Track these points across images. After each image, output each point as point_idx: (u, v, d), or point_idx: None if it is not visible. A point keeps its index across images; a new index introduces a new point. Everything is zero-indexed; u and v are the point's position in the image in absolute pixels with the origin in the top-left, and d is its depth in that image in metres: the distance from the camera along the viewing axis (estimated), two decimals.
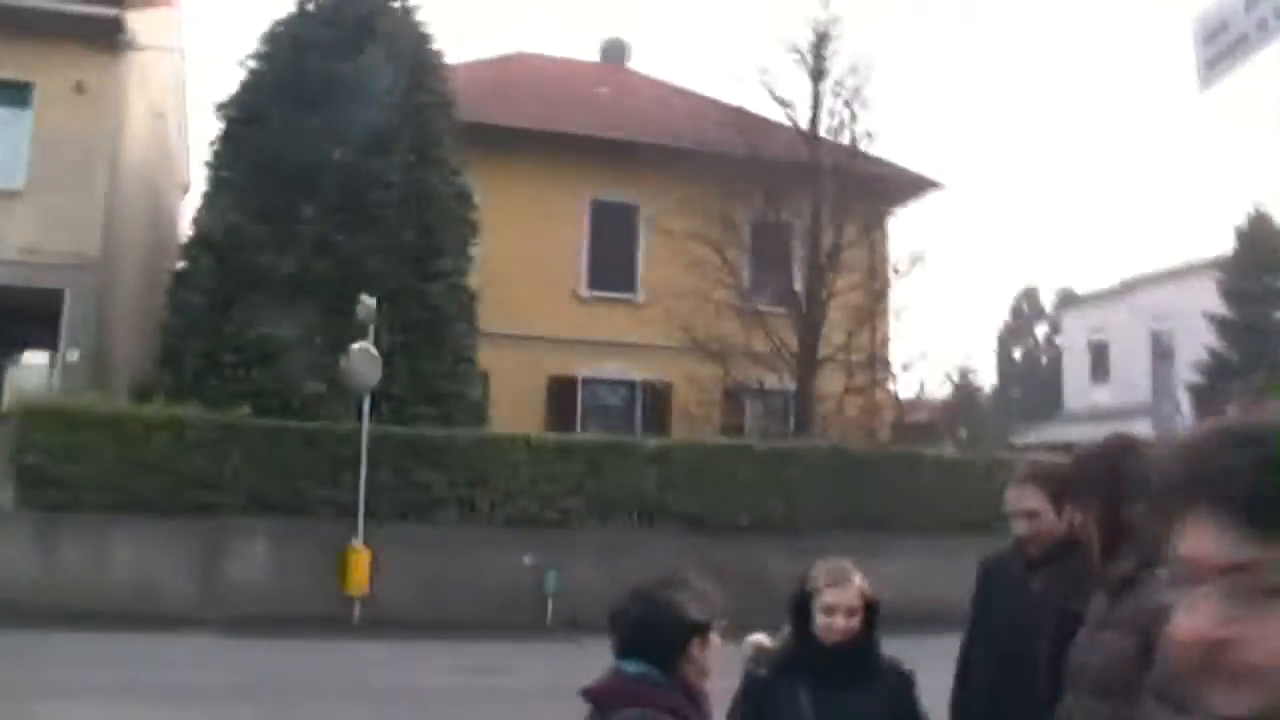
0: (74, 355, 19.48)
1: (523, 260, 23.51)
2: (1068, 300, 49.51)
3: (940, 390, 33.09)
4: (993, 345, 62.77)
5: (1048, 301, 60.93)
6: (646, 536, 17.19)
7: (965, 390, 45.99)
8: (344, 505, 16.33)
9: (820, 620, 3.66)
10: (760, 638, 3.96)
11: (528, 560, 16.93)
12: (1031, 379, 58.49)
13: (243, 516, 16.40)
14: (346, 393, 16.67)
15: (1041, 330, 62.74)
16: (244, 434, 16.59)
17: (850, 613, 3.64)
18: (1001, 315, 64.14)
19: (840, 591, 3.66)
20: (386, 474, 16.75)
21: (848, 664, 3.66)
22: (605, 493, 17.84)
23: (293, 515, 16.51)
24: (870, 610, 3.70)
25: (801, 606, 3.73)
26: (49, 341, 20.63)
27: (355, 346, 16.17)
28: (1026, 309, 63.58)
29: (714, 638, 2.89)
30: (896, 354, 24.66)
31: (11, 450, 16.11)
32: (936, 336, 22.42)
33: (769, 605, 4.67)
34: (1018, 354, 63.71)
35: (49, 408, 16.84)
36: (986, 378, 61.13)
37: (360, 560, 16.12)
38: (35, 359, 27.99)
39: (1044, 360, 59.08)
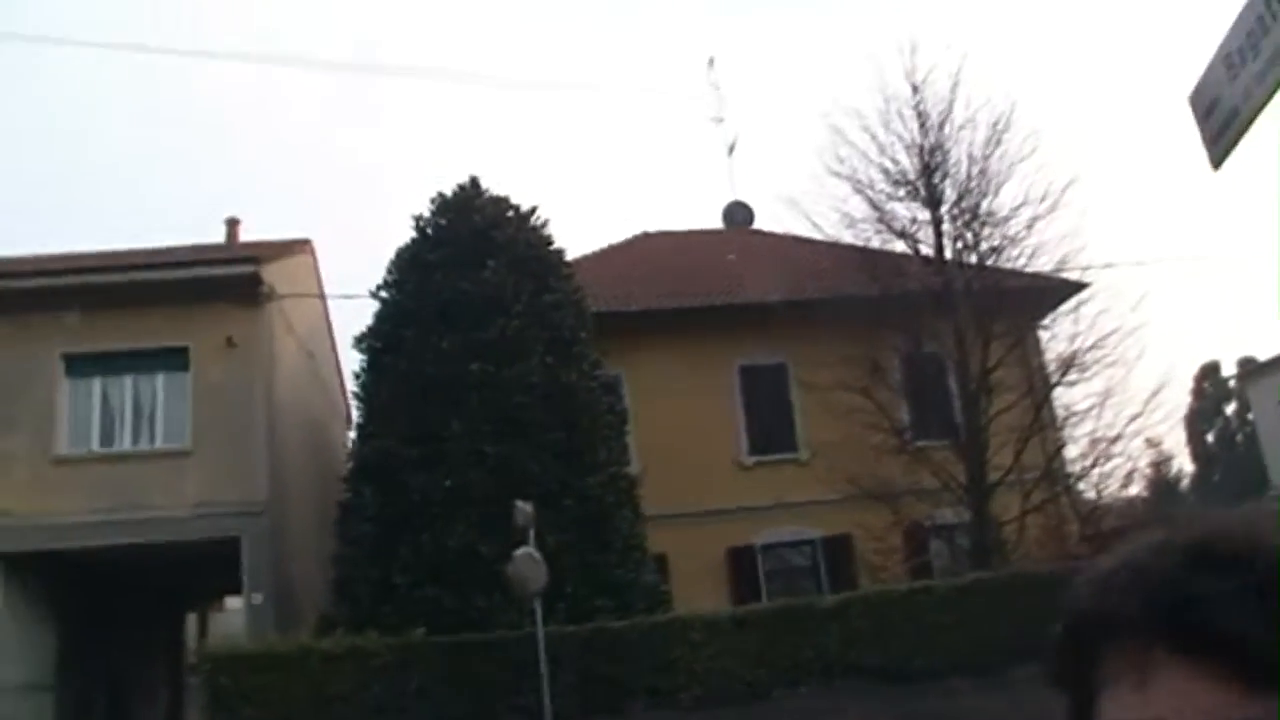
0: (257, 598, 20.18)
1: (681, 438, 23.76)
2: (1251, 370, 46.95)
3: (1132, 490, 31.74)
4: (1182, 431, 60.39)
5: (1231, 373, 58.34)
6: (837, 696, 16.84)
7: (1160, 484, 44.47)
8: (531, 710, 16.29)
9: None
10: None
11: None
12: (1230, 459, 56.23)
13: None
14: (517, 599, 16.78)
15: (1231, 406, 60.30)
16: (423, 655, 16.82)
17: None
18: (1185, 397, 61.84)
19: None
20: (569, 673, 16.73)
21: None
22: (789, 658, 17.57)
23: None
24: None
25: None
26: (237, 587, 21.35)
27: (517, 552, 16.32)
28: (1210, 386, 61.17)
29: None
30: (1072, 463, 23.88)
31: (206, 699, 16.67)
32: (1118, 434, 21.46)
33: None
34: (1210, 436, 61.33)
35: (232, 653, 17.41)
36: (1184, 466, 58.90)
37: None
38: (232, 605, 29.05)
39: (1239, 437, 56.83)
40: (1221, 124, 4.55)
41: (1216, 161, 4.67)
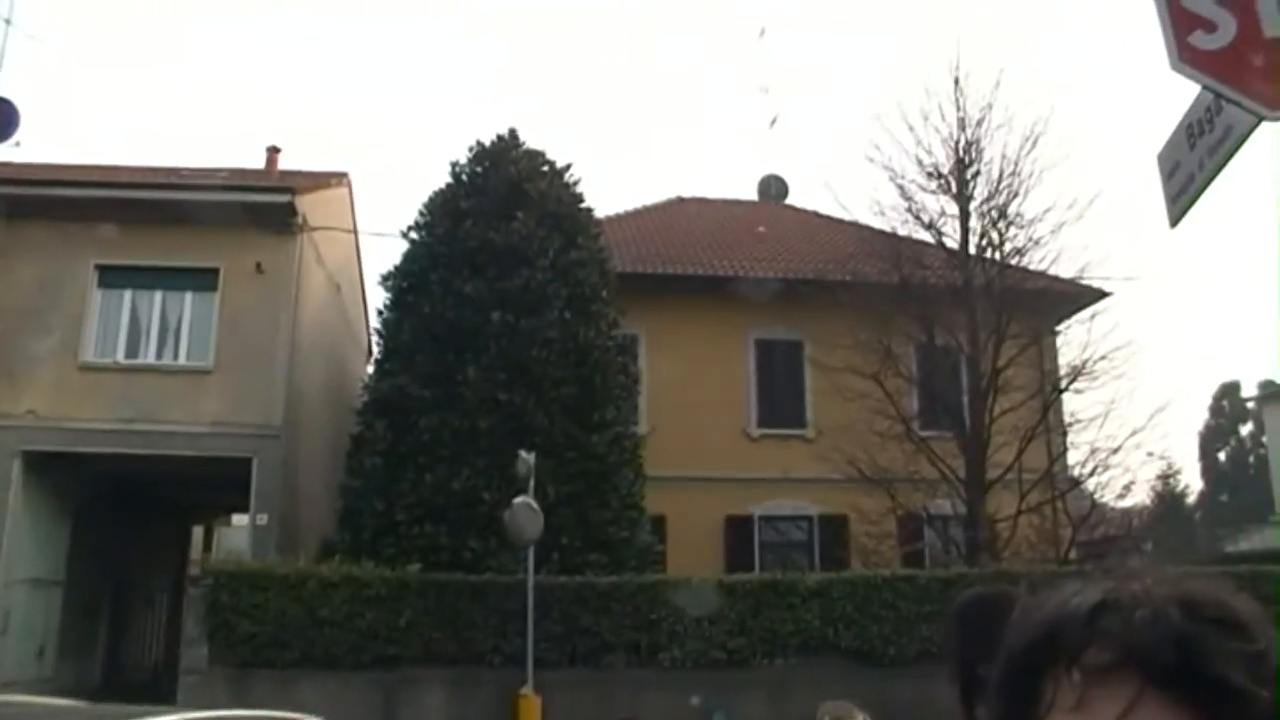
0: (263, 519, 20.67)
1: (691, 403, 24.11)
2: (1270, 393, 46.23)
3: (1129, 500, 31.74)
4: (1195, 448, 60.34)
5: (1251, 395, 57.93)
6: (812, 673, 17.23)
7: (1165, 498, 44.68)
8: (514, 654, 16.78)
9: None
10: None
11: (695, 701, 17.10)
12: (1240, 481, 56.12)
13: (418, 668, 17.06)
14: (512, 545, 17.21)
15: (1247, 427, 60.16)
16: (416, 589, 17.30)
17: None
18: (1202, 415, 61.85)
19: None
20: (554, 622, 17.21)
21: None
22: (769, 631, 17.96)
23: (465, 665, 17.08)
24: None
25: None
26: (244, 505, 21.86)
27: (516, 500, 16.74)
28: (1228, 406, 61.06)
29: None
30: (1072, 469, 24.03)
31: (204, 611, 17.24)
32: (1118, 445, 21.55)
33: None
34: (1223, 455, 61.28)
35: (234, 570, 17.92)
36: (1193, 483, 58.81)
37: (531, 707, 16.46)
38: (238, 522, 29.63)
39: (1252, 459, 56.73)
40: (1180, 187, 4.84)
41: (1174, 220, 4.94)
